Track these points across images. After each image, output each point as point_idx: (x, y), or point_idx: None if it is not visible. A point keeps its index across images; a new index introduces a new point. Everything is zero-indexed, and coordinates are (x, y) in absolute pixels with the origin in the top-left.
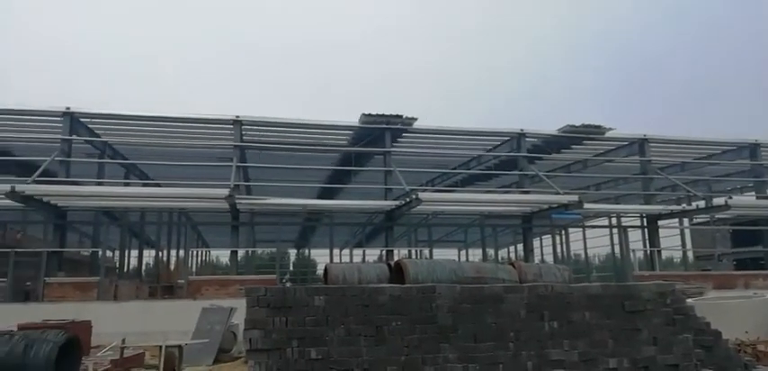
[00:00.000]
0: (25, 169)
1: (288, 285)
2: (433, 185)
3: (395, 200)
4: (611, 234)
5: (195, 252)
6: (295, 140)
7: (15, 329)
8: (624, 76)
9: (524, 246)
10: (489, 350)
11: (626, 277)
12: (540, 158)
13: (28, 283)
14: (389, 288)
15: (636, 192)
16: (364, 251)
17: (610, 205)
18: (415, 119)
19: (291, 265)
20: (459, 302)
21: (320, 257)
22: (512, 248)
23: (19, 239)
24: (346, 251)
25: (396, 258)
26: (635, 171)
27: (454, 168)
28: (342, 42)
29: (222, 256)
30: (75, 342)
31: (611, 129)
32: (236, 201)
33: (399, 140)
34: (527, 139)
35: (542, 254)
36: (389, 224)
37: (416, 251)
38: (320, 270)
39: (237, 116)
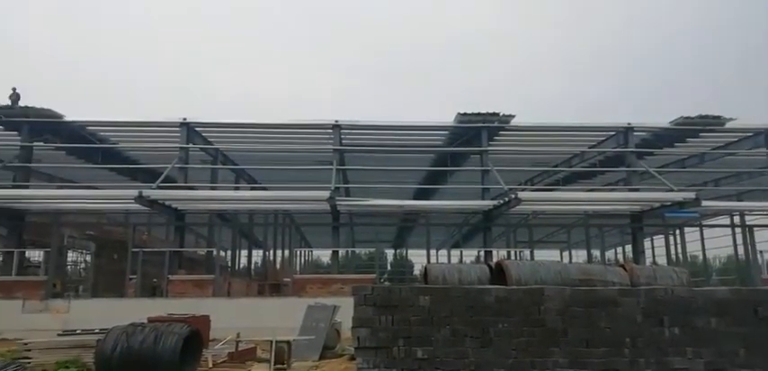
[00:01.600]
0: (149, 176)
1: (386, 284)
2: (532, 184)
3: (492, 200)
4: (734, 234)
5: (299, 252)
6: (391, 142)
7: (146, 321)
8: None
9: (634, 247)
10: (603, 356)
11: (753, 281)
12: (650, 153)
13: (154, 280)
14: (495, 289)
15: (763, 187)
16: (461, 252)
17: (732, 203)
18: (513, 116)
19: (389, 265)
20: (569, 304)
21: (417, 257)
22: (619, 250)
23: (145, 240)
24: (443, 252)
25: (495, 259)
26: (761, 165)
27: (555, 166)
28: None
29: (323, 255)
30: (196, 335)
31: (731, 119)
32: (337, 202)
33: (496, 138)
34: (635, 133)
35: (654, 255)
36: (487, 225)
37: (516, 252)
38: (417, 270)
39: (336, 121)
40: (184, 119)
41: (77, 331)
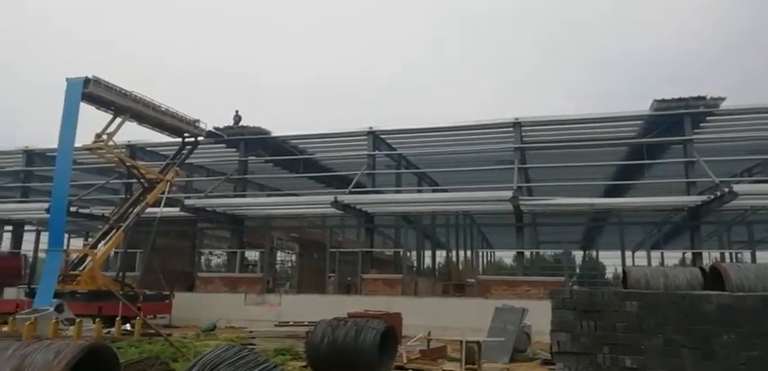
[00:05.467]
0: (342, 182)
1: (575, 287)
2: (750, 175)
3: (700, 195)
4: None
5: (481, 252)
6: (576, 136)
7: (346, 316)
8: None
9: None
10: None
11: None
12: None
13: (348, 278)
14: (716, 296)
15: None
16: (662, 253)
17: None
18: (723, 99)
19: (577, 267)
20: None
21: (608, 259)
22: None
23: (340, 241)
24: (640, 253)
25: (704, 262)
26: None
27: None
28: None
29: (505, 256)
30: (391, 331)
31: None
32: (520, 202)
33: (702, 125)
34: None
35: None
36: (694, 223)
37: (732, 254)
38: (609, 273)
39: (517, 118)
40: (370, 128)
41: (290, 323)
